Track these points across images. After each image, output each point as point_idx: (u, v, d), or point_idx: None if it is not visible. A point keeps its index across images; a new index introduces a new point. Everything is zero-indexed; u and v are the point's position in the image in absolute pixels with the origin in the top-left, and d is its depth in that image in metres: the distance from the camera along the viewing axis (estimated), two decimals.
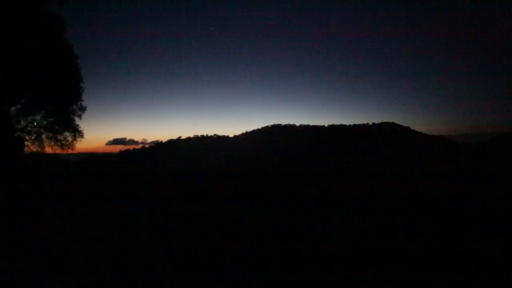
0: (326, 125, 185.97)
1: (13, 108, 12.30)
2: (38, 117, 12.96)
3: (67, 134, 13.57)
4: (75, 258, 5.96)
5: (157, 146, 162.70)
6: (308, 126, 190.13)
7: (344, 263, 5.80)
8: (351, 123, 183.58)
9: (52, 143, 13.35)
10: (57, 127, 13.28)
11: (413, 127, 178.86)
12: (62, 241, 7.05)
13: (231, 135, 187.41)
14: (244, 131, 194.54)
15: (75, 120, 13.57)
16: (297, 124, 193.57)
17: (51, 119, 13.15)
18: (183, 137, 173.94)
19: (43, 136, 13.20)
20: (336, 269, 5.51)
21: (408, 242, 7.45)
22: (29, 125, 12.91)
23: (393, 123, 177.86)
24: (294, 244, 6.95)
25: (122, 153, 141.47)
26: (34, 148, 13.07)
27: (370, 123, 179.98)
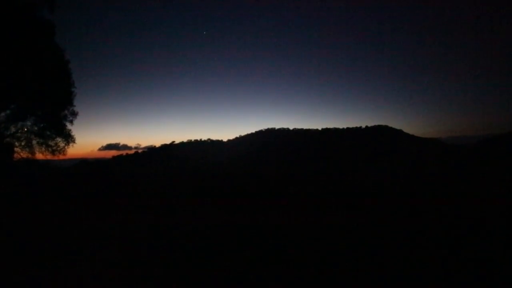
0: (320, 128, 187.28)
1: (2, 114, 12.07)
2: (28, 123, 12.73)
3: (58, 139, 13.33)
4: (74, 263, 5.83)
5: (150, 151, 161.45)
6: (301, 129, 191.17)
7: (343, 265, 5.78)
8: (345, 127, 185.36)
9: (43, 149, 13.09)
10: (48, 132, 13.04)
11: (406, 130, 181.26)
12: (58, 248, 6.89)
13: (225, 140, 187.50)
14: (238, 135, 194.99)
15: (66, 125, 13.36)
16: (291, 128, 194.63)
17: (42, 125, 12.91)
18: (177, 141, 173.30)
19: (34, 142, 12.94)
20: (335, 271, 5.48)
21: (404, 243, 7.46)
22: (19, 131, 12.66)
23: (386, 126, 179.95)
24: (294, 247, 6.92)
25: (114, 158, 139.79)
26: (24, 154, 12.80)
27: (364, 126, 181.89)
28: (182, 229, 9.04)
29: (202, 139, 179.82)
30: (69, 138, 13.48)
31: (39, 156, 13.19)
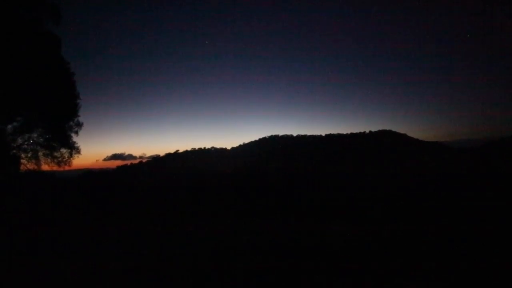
0: (323, 134, 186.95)
1: (9, 126, 12.27)
2: (34, 135, 12.91)
3: (63, 150, 13.51)
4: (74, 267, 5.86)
5: (155, 160, 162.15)
6: (305, 136, 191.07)
7: (345, 268, 5.75)
8: (348, 132, 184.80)
9: (49, 160, 13.26)
10: (53, 144, 13.21)
11: (410, 134, 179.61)
12: (60, 252, 6.94)
13: (229, 147, 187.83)
14: (241, 143, 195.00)
15: (71, 136, 13.54)
16: (294, 134, 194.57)
17: (47, 136, 13.10)
18: (181, 150, 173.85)
19: (40, 154, 13.12)
20: (337, 275, 5.46)
21: (407, 246, 7.42)
22: (26, 142, 12.84)
23: (389, 131, 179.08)
24: (297, 254, 6.89)
25: (118, 168, 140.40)
26: (30, 165, 12.96)
27: (367, 131, 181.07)
28: (182, 238, 9.05)
29: (206, 147, 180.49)
30: (74, 149, 13.66)
31: (44, 167, 13.36)
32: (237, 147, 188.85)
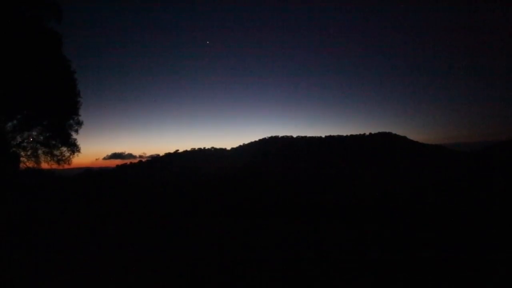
0: (323, 136, 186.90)
1: (9, 124, 12.22)
2: (34, 133, 12.85)
3: (63, 149, 13.45)
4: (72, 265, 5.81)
5: (154, 159, 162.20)
6: (305, 137, 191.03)
7: (344, 270, 5.72)
8: (349, 134, 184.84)
9: (48, 158, 13.19)
10: (53, 142, 13.15)
11: (410, 137, 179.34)
12: (58, 250, 6.90)
13: (228, 148, 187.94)
14: (241, 143, 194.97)
15: (71, 135, 13.49)
16: (295, 135, 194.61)
17: (47, 134, 13.04)
18: (181, 150, 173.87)
19: (39, 152, 13.05)
20: (336, 276, 5.43)
21: (407, 247, 7.39)
22: (25, 140, 12.79)
23: (389, 133, 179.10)
24: (298, 254, 6.86)
25: (118, 167, 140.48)
26: (29, 163, 12.90)
27: (367, 133, 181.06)
28: (181, 237, 9.01)
29: (206, 148, 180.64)
30: (74, 147, 13.61)
31: (44, 165, 13.30)
32: (237, 148, 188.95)
